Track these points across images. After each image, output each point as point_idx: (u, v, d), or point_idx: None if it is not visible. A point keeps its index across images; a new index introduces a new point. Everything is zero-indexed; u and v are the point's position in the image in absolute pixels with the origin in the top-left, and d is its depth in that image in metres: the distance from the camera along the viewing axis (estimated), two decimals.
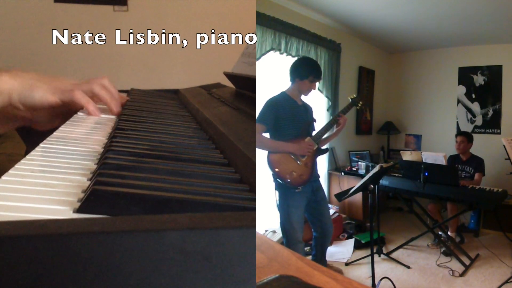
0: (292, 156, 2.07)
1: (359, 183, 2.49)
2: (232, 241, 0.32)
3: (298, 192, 2.08)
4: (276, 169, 2.04)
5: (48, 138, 0.76)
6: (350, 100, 2.38)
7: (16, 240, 0.29)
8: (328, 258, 2.63)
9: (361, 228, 3.44)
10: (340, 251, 3.05)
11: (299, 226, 2.13)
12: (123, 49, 3.79)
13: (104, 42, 3.75)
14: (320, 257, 2.35)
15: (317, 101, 3.23)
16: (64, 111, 1.04)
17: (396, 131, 4.58)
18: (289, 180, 2.05)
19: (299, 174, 2.06)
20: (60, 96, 0.99)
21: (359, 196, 3.32)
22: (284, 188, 2.10)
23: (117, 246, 0.30)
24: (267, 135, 2.10)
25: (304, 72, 2.11)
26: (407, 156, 3.36)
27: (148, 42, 3.84)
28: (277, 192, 2.15)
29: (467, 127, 4.17)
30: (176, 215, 0.35)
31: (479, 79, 4.15)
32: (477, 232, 3.47)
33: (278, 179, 2.08)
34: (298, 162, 2.08)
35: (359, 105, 2.40)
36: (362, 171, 3.63)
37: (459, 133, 3.55)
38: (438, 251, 2.96)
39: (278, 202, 2.15)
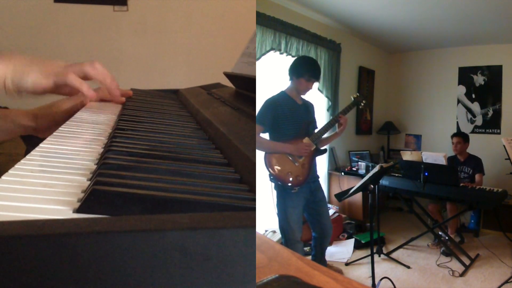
0: (289, 157, 2.07)
1: (359, 183, 2.49)
2: (232, 241, 0.32)
3: (295, 192, 2.08)
4: (272, 170, 2.04)
5: (48, 138, 0.76)
6: (352, 99, 2.36)
7: (16, 240, 0.29)
8: (328, 258, 2.62)
9: (361, 228, 3.44)
10: (340, 251, 3.05)
11: (297, 226, 2.13)
12: (123, 49, 3.79)
13: (104, 42, 3.75)
14: (319, 257, 2.34)
15: (317, 101, 3.23)
16: (66, 116, 1.03)
17: (396, 131, 4.58)
18: (285, 180, 2.05)
19: (295, 175, 2.06)
20: (54, 79, 0.97)
21: (359, 196, 3.32)
22: (281, 188, 2.10)
23: (117, 246, 0.30)
24: (266, 135, 2.10)
25: (300, 70, 2.10)
26: (407, 156, 3.35)
27: (148, 42, 3.85)
28: (275, 192, 2.15)
29: (467, 127, 4.16)
30: (176, 215, 0.35)
31: (479, 79, 4.15)
32: (477, 232, 3.47)
33: (274, 180, 2.07)
34: (295, 163, 2.07)
35: (362, 104, 2.38)
36: (362, 171, 3.63)
37: (455, 133, 3.53)
38: (438, 251, 2.96)
39: (276, 202, 2.15)
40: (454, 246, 2.98)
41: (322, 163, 3.59)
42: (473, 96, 4.19)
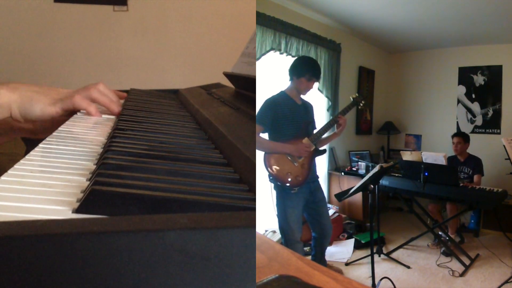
0: (289, 157, 2.06)
1: (359, 183, 2.48)
2: (232, 241, 0.32)
3: (294, 192, 2.07)
4: (272, 170, 2.04)
5: (47, 138, 0.76)
6: (352, 100, 2.36)
7: (16, 240, 0.29)
8: (328, 258, 2.62)
9: (361, 228, 3.44)
10: (340, 251, 3.05)
11: (297, 226, 2.13)
12: (123, 49, 3.78)
13: (104, 42, 3.75)
14: (319, 257, 2.34)
15: (317, 101, 3.23)
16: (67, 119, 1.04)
17: (396, 131, 4.58)
18: (284, 181, 2.05)
19: (295, 175, 2.05)
20: (61, 106, 0.99)
21: (359, 196, 3.32)
22: (281, 188, 2.10)
23: (116, 246, 0.30)
24: (265, 135, 2.10)
25: (301, 70, 2.10)
26: (407, 156, 3.35)
27: (148, 42, 3.85)
28: (274, 192, 2.15)
29: (467, 127, 4.16)
30: (176, 215, 0.35)
31: (479, 79, 4.15)
32: (477, 232, 3.46)
33: (273, 180, 2.07)
34: (295, 163, 2.07)
35: (361, 104, 2.38)
36: (362, 171, 3.63)
37: (455, 133, 3.53)
38: (438, 251, 2.96)
39: (276, 202, 2.15)
40: (454, 246, 2.98)
41: (322, 163, 3.59)
42: (473, 96, 4.19)
